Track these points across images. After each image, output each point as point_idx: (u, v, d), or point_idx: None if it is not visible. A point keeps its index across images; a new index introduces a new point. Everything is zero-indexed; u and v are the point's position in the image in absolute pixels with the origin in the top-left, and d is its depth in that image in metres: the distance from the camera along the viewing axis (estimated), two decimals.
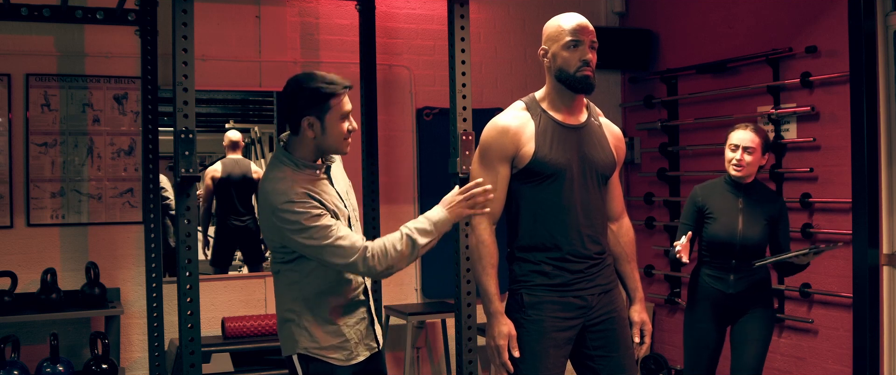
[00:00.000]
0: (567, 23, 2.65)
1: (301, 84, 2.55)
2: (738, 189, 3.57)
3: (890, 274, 4.17)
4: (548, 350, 2.62)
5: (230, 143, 5.42)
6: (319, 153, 2.62)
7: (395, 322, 5.12)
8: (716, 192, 3.61)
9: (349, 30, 5.05)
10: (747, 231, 3.52)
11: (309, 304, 2.62)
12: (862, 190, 4.15)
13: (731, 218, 3.54)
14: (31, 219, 4.52)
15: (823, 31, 4.43)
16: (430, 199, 5.30)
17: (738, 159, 3.51)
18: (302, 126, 2.54)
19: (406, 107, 5.29)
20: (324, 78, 2.56)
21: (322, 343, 2.66)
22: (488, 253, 2.65)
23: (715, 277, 3.59)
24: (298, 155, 2.58)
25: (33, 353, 4.34)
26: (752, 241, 3.52)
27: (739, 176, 3.53)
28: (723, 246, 3.55)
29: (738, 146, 3.51)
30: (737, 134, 3.54)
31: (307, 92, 2.53)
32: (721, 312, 3.60)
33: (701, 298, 3.62)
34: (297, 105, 2.54)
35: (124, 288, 4.67)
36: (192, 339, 3.22)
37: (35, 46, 4.54)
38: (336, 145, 2.60)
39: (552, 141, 2.64)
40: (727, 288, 3.56)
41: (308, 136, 2.56)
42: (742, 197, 3.56)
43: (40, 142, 4.55)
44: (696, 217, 3.62)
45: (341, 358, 2.66)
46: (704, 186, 3.67)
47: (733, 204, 3.56)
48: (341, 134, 2.58)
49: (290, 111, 2.56)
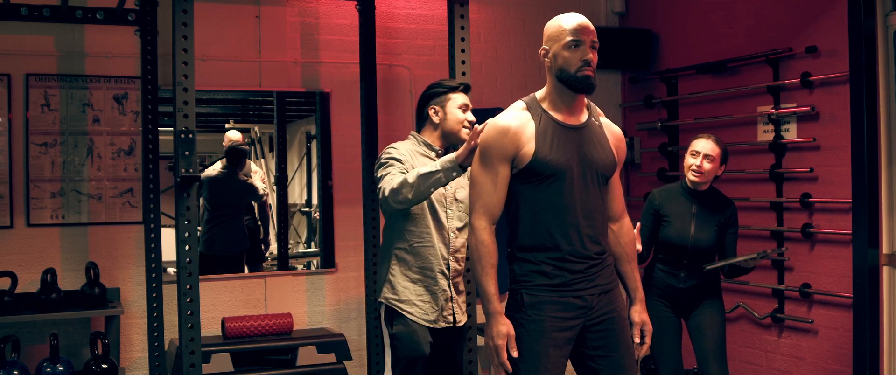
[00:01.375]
0: (568, 23, 2.65)
1: (430, 85, 3.33)
2: (693, 196, 3.80)
3: (890, 274, 4.17)
4: (548, 350, 2.62)
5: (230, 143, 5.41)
6: (444, 139, 3.29)
7: None
8: (672, 198, 3.84)
9: (349, 30, 5.05)
10: (698, 235, 3.76)
11: (397, 258, 3.24)
12: (862, 190, 4.15)
13: (685, 222, 3.77)
14: (31, 219, 4.53)
15: (823, 31, 4.43)
16: None
17: (698, 165, 3.73)
18: (428, 113, 3.28)
19: (406, 107, 5.29)
20: (446, 80, 3.36)
21: (401, 297, 3.21)
22: (488, 253, 2.65)
23: (668, 273, 3.84)
24: (423, 136, 3.30)
25: (33, 353, 4.34)
26: (702, 245, 3.76)
27: (697, 181, 3.76)
28: (675, 248, 3.79)
29: (700, 153, 3.74)
30: (700, 142, 3.77)
31: (433, 87, 3.30)
32: (674, 303, 3.85)
33: (655, 291, 3.85)
34: (425, 98, 3.31)
35: (124, 288, 4.67)
36: (192, 339, 3.22)
37: (35, 46, 4.54)
38: (454, 130, 3.25)
39: (553, 141, 2.64)
40: (678, 283, 3.81)
41: (434, 121, 3.28)
42: (696, 204, 3.79)
43: (40, 142, 4.55)
44: (653, 219, 3.84)
45: (416, 314, 3.20)
46: (661, 191, 3.91)
47: (687, 210, 3.79)
48: (458, 121, 3.25)
49: (422, 104, 3.32)
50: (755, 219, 4.83)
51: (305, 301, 5.05)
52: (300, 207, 5.52)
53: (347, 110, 5.09)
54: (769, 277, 4.77)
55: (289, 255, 5.29)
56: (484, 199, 2.67)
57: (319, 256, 5.20)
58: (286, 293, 5.01)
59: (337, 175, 5.13)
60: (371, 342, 4.49)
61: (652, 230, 3.83)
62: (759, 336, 4.87)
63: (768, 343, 4.81)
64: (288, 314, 4.69)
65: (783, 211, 4.69)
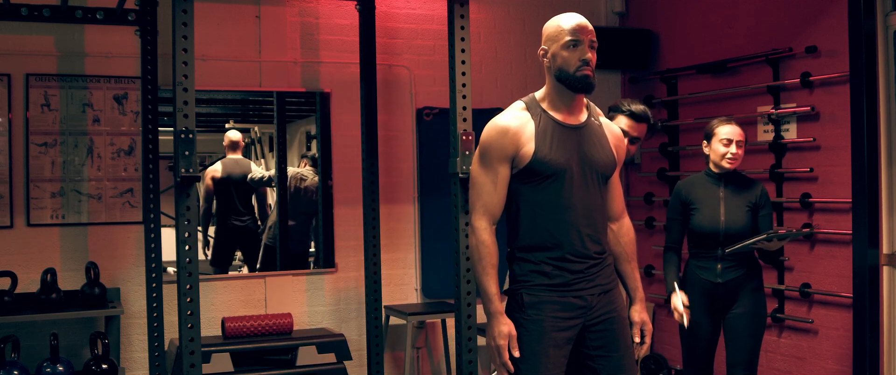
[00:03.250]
0: (567, 23, 2.65)
1: None
2: (718, 179, 3.72)
3: (890, 274, 4.16)
4: (548, 350, 2.62)
5: (230, 143, 5.42)
6: None
7: (395, 322, 5.12)
8: (697, 185, 3.75)
9: (349, 30, 5.05)
10: (730, 218, 3.65)
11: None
12: (862, 190, 4.15)
13: (714, 207, 3.67)
14: (31, 219, 4.53)
15: (823, 31, 4.43)
16: (430, 199, 5.32)
17: (734, 153, 3.64)
18: None
19: (406, 107, 5.29)
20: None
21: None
22: (488, 253, 2.65)
23: (703, 268, 3.70)
24: None
25: (33, 353, 4.34)
26: (735, 229, 3.63)
27: (732, 168, 3.67)
28: (708, 236, 3.67)
29: (731, 140, 3.65)
30: (725, 128, 3.68)
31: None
32: (711, 302, 3.70)
33: (692, 290, 3.70)
34: None
35: (124, 288, 4.67)
36: (192, 339, 3.22)
37: (35, 46, 4.54)
38: None
39: (552, 141, 2.64)
40: (715, 277, 3.67)
41: None
42: (722, 187, 3.70)
43: (40, 142, 4.55)
44: (682, 210, 3.75)
45: None
46: (686, 181, 3.82)
47: (715, 194, 3.70)
48: None
49: None
50: None
51: (305, 301, 5.05)
52: None
53: (347, 110, 5.09)
54: (769, 277, 4.77)
55: None
56: (484, 199, 2.67)
57: (319, 256, 5.20)
58: (286, 293, 5.01)
59: (337, 175, 5.12)
60: (371, 342, 4.49)
61: (682, 222, 3.74)
62: None
63: (768, 343, 4.81)
64: (288, 314, 4.69)
65: (783, 211, 4.69)
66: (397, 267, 5.26)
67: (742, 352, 3.65)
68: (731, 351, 3.68)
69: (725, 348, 3.72)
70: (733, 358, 3.67)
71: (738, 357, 3.65)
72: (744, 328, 3.65)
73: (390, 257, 5.16)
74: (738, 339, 3.66)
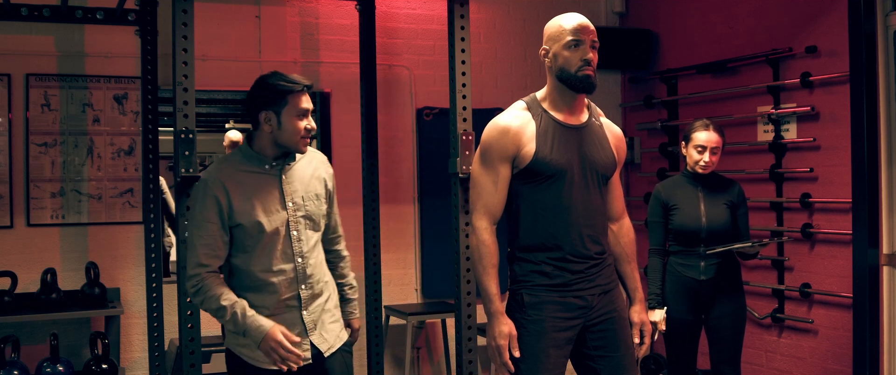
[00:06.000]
0: (568, 22, 2.65)
1: (262, 80, 2.65)
2: (697, 180, 3.80)
3: (890, 274, 4.17)
4: (548, 351, 2.62)
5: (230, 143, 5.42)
6: (279, 149, 2.68)
7: (395, 323, 5.12)
8: (676, 186, 3.83)
9: (349, 30, 5.05)
10: (711, 217, 3.72)
11: None
12: (862, 190, 4.15)
13: (694, 206, 3.75)
14: (31, 219, 4.52)
15: (823, 31, 4.43)
16: (431, 199, 5.32)
17: (707, 161, 3.72)
18: (260, 120, 2.64)
19: (406, 107, 5.29)
20: (284, 76, 2.65)
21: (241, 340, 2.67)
22: (489, 253, 2.65)
23: (685, 265, 3.76)
24: (256, 148, 2.67)
25: (33, 353, 4.34)
26: (717, 227, 3.72)
27: (705, 173, 3.75)
28: (691, 235, 3.74)
29: (705, 147, 3.72)
30: (702, 134, 3.74)
31: (266, 88, 2.63)
32: (694, 298, 3.76)
33: (673, 288, 3.78)
34: (256, 100, 2.64)
35: (124, 288, 4.66)
36: (192, 339, 3.22)
37: (35, 46, 4.54)
38: (291, 142, 2.65)
39: (553, 141, 2.64)
40: (698, 274, 3.73)
41: (265, 131, 2.65)
42: (700, 187, 3.78)
43: (40, 142, 4.55)
44: (662, 212, 3.82)
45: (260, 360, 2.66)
46: (664, 184, 3.90)
47: (694, 194, 3.78)
48: (297, 131, 2.64)
49: (251, 106, 2.66)
50: (755, 219, 4.82)
51: None
52: None
53: (347, 110, 5.09)
54: (769, 277, 4.77)
55: None
56: (485, 199, 2.67)
57: None
58: None
59: (336, 175, 5.10)
60: (371, 342, 4.48)
61: (663, 223, 3.81)
62: (759, 336, 4.87)
63: (768, 343, 4.81)
64: None
65: (783, 211, 4.69)
66: (397, 267, 5.26)
67: (727, 350, 3.75)
68: (716, 350, 3.78)
69: (709, 346, 3.80)
70: (718, 356, 3.77)
71: (723, 355, 3.76)
72: (727, 328, 3.74)
73: (390, 257, 5.16)
74: (723, 339, 3.75)
